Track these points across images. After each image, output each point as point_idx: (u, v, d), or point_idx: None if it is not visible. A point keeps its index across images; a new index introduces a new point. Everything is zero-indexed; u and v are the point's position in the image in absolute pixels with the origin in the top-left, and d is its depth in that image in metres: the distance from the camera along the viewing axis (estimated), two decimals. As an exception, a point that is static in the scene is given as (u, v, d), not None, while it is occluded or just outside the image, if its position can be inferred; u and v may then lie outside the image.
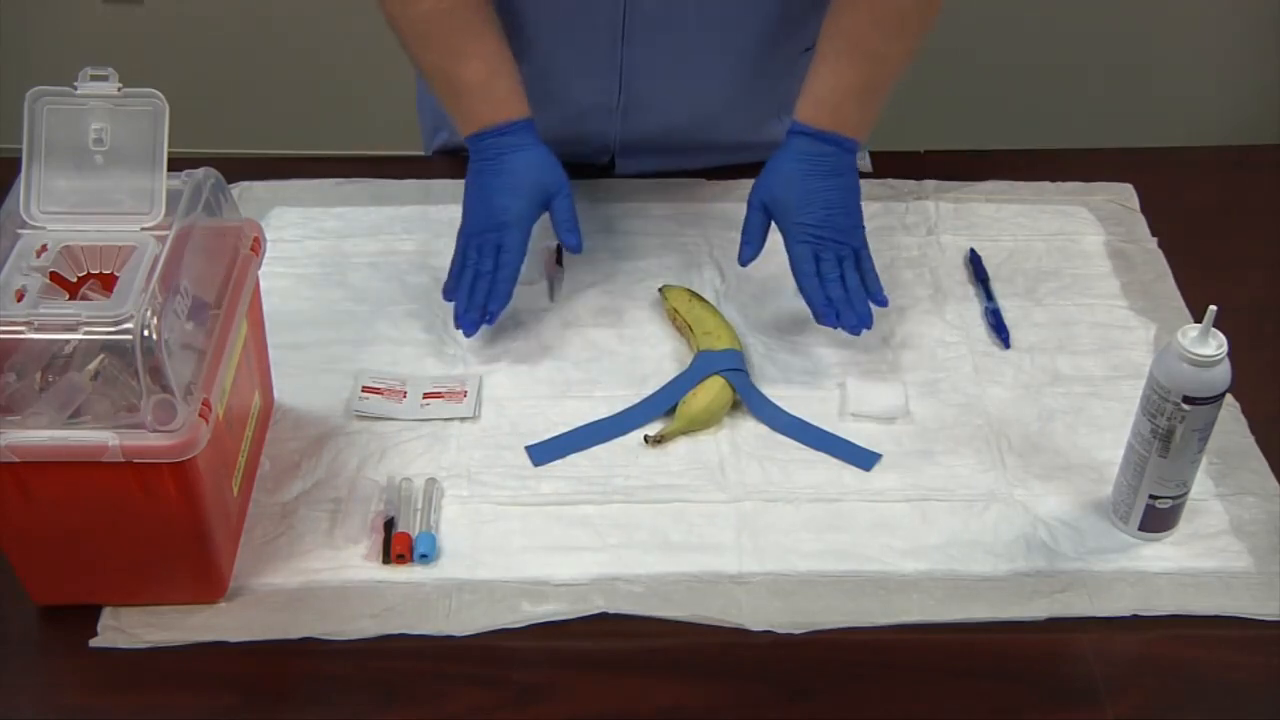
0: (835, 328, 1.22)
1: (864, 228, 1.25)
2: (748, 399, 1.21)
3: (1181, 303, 1.32)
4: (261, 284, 1.14)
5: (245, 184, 1.44)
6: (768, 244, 1.27)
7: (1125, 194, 1.46)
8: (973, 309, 1.32)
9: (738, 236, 1.27)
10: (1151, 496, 1.07)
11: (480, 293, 1.24)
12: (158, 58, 2.41)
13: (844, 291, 1.23)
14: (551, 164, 1.25)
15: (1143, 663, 1.03)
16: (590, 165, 1.46)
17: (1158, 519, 1.09)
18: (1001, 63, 2.54)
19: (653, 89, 1.37)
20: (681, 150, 1.46)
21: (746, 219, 1.26)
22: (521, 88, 1.26)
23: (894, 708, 1.00)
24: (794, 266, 1.24)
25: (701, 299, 1.29)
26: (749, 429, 1.20)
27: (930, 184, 1.46)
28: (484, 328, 1.26)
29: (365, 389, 1.21)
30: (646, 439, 1.18)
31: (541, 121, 1.27)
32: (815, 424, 1.19)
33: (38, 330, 0.92)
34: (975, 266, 1.36)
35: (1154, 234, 1.41)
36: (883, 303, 1.24)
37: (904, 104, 1.37)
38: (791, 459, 1.17)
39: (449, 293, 1.26)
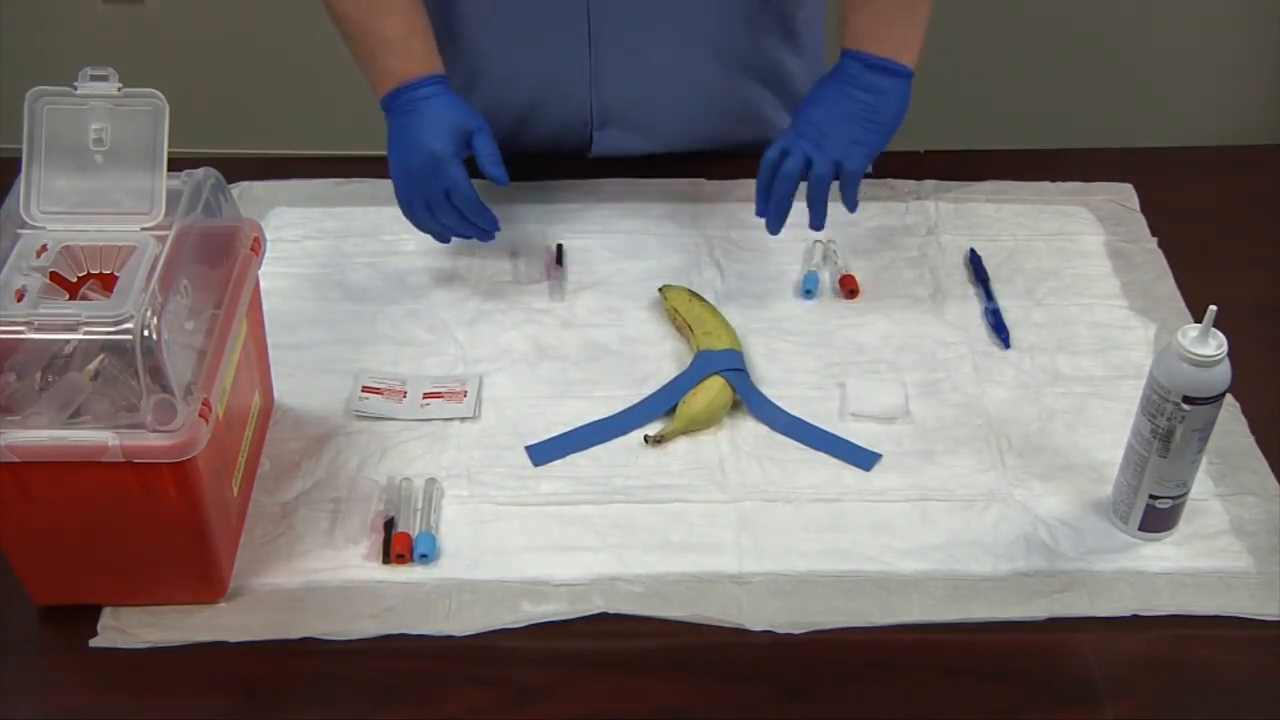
0: (760, 215, 1.25)
1: (869, 152, 1.24)
2: (748, 399, 1.21)
3: (1181, 303, 1.32)
4: (261, 284, 1.14)
5: (245, 184, 1.44)
6: (766, 243, 1.27)
7: (1125, 194, 1.46)
8: (973, 309, 1.32)
9: (738, 236, 1.27)
10: (1151, 496, 1.07)
11: (468, 229, 1.27)
12: (158, 58, 2.41)
13: (791, 192, 1.23)
14: (465, 106, 1.26)
15: (1143, 663, 1.03)
16: (569, 145, 1.44)
17: (1158, 519, 1.09)
18: (1002, 63, 2.54)
19: (623, 54, 1.36)
20: (663, 130, 1.43)
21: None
22: (435, 47, 1.27)
23: (893, 708, 1.00)
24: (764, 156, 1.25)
25: (701, 299, 1.29)
26: (749, 429, 1.19)
27: (930, 184, 1.46)
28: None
29: (365, 389, 1.21)
30: (646, 439, 1.18)
31: (514, 94, 1.26)
32: (815, 424, 1.19)
33: (38, 330, 0.92)
34: (975, 266, 1.36)
35: (1154, 234, 1.41)
36: (851, 207, 1.25)
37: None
38: (791, 459, 1.17)
39: (444, 240, 1.31)
